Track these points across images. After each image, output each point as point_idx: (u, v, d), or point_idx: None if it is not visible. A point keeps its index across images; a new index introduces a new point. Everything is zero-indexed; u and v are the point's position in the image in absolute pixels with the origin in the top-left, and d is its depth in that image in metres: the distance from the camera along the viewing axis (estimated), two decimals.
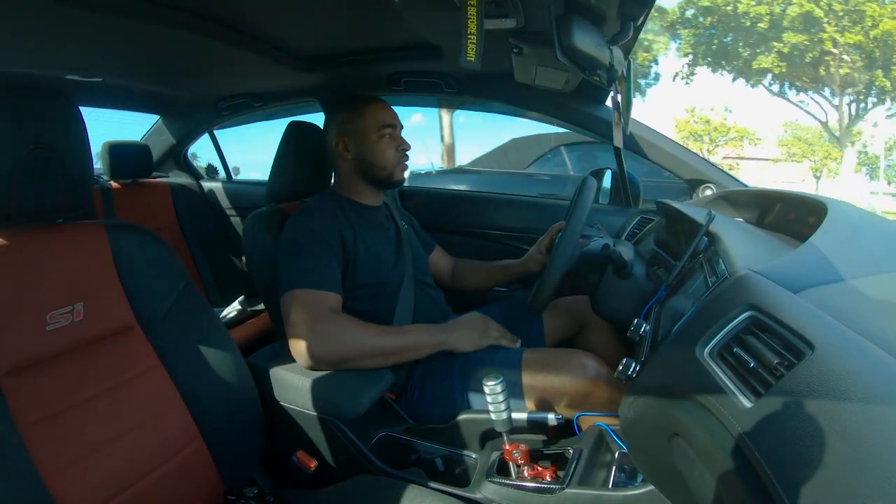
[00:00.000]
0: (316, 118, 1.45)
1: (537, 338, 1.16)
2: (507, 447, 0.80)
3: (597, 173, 1.44)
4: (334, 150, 1.10)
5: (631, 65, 1.09)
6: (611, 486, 0.76)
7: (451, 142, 5.49)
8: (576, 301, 1.21)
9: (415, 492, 0.74)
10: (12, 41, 1.02)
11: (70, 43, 1.08)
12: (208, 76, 1.53)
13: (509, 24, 0.81)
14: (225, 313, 1.73)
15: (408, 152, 1.12)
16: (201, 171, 2.31)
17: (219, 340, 0.85)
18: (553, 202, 1.63)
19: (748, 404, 0.41)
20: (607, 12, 0.78)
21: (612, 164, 1.45)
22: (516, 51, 0.95)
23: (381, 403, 0.95)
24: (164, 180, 2.03)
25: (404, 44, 1.25)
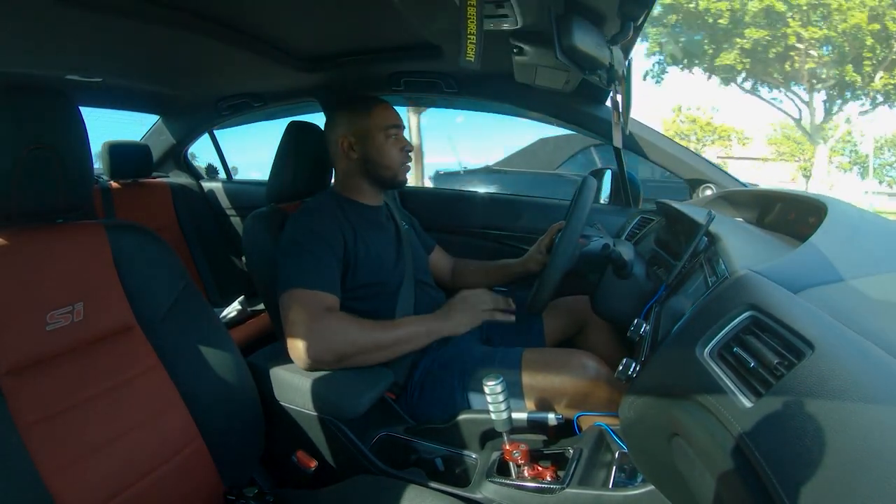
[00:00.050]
0: (316, 118, 1.46)
1: (537, 338, 1.16)
2: (508, 447, 0.80)
3: (597, 173, 1.44)
4: (339, 149, 1.10)
5: (631, 65, 1.09)
6: (611, 486, 0.76)
7: (419, 142, 5.54)
8: (576, 301, 1.21)
9: (415, 492, 0.74)
10: (12, 41, 1.02)
11: (70, 43, 1.08)
12: (208, 76, 1.53)
13: (509, 24, 0.81)
14: (225, 313, 1.73)
15: (411, 153, 1.13)
16: (201, 171, 2.31)
17: (219, 340, 0.85)
18: (553, 202, 1.63)
19: (748, 404, 0.41)
20: (607, 12, 0.78)
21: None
22: (516, 51, 0.95)
23: (381, 403, 0.95)
24: (164, 180, 2.03)
25: (404, 44, 1.25)
